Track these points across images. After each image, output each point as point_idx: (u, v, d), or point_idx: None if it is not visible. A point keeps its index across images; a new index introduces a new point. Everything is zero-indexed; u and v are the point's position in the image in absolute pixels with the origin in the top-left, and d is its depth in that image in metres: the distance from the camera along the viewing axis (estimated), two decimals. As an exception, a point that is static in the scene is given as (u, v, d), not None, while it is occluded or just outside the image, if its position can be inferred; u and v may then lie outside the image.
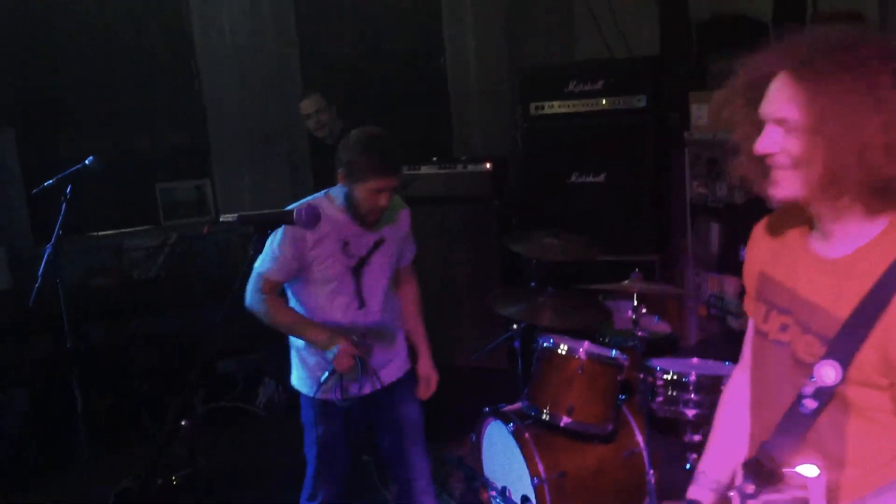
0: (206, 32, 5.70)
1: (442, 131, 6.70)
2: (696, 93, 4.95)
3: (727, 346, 3.66)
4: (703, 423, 3.27)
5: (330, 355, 2.80)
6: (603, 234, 4.50)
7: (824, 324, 1.41)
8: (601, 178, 5.22)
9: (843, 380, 1.37)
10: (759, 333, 1.58)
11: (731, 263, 3.77)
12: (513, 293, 4.04)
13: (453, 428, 3.27)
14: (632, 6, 5.92)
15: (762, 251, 1.65)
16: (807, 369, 1.41)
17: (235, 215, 1.97)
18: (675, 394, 3.24)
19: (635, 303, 3.32)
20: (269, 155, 5.92)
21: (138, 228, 5.64)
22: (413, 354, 3.22)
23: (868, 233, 1.40)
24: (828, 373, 1.37)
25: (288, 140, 5.93)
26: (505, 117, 6.28)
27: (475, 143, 6.45)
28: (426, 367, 3.22)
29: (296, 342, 3.03)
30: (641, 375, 3.24)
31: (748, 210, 3.95)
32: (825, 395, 1.39)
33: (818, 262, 1.48)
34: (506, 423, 3.36)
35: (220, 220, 1.99)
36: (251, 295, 2.86)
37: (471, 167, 5.49)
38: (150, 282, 5.37)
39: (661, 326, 4.13)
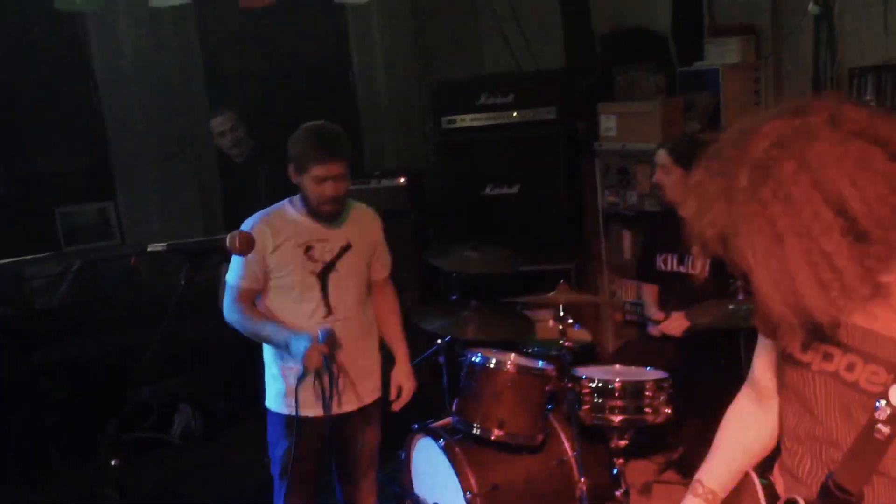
0: (103, 49, 5.47)
1: (353, 146, 6.62)
2: (604, 104, 5.07)
3: (646, 351, 3.76)
4: (629, 428, 3.34)
5: (298, 356, 2.72)
6: (519, 244, 4.52)
7: (891, 352, 1.40)
8: (515, 189, 5.27)
9: None
10: (797, 363, 1.54)
11: (648, 270, 3.86)
12: (435, 308, 4.04)
13: (380, 445, 3.25)
14: (536, 20, 6.02)
15: None
16: (869, 398, 1.42)
17: (164, 244, 1.90)
18: (600, 401, 3.30)
19: (561, 313, 3.36)
20: (175, 175, 5.73)
21: (38, 255, 5.37)
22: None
23: None
24: None
25: (195, 159, 5.77)
26: (417, 131, 6.27)
27: (387, 157, 6.42)
28: (401, 374, 3.18)
29: (273, 361, 2.97)
30: (569, 385, 3.29)
31: (659, 217, 4.07)
32: None
33: None
34: (436, 439, 3.35)
35: (149, 249, 1.91)
36: (227, 307, 2.86)
37: (385, 182, 5.45)
38: (53, 310, 5.13)
39: (582, 335, 4.20)
